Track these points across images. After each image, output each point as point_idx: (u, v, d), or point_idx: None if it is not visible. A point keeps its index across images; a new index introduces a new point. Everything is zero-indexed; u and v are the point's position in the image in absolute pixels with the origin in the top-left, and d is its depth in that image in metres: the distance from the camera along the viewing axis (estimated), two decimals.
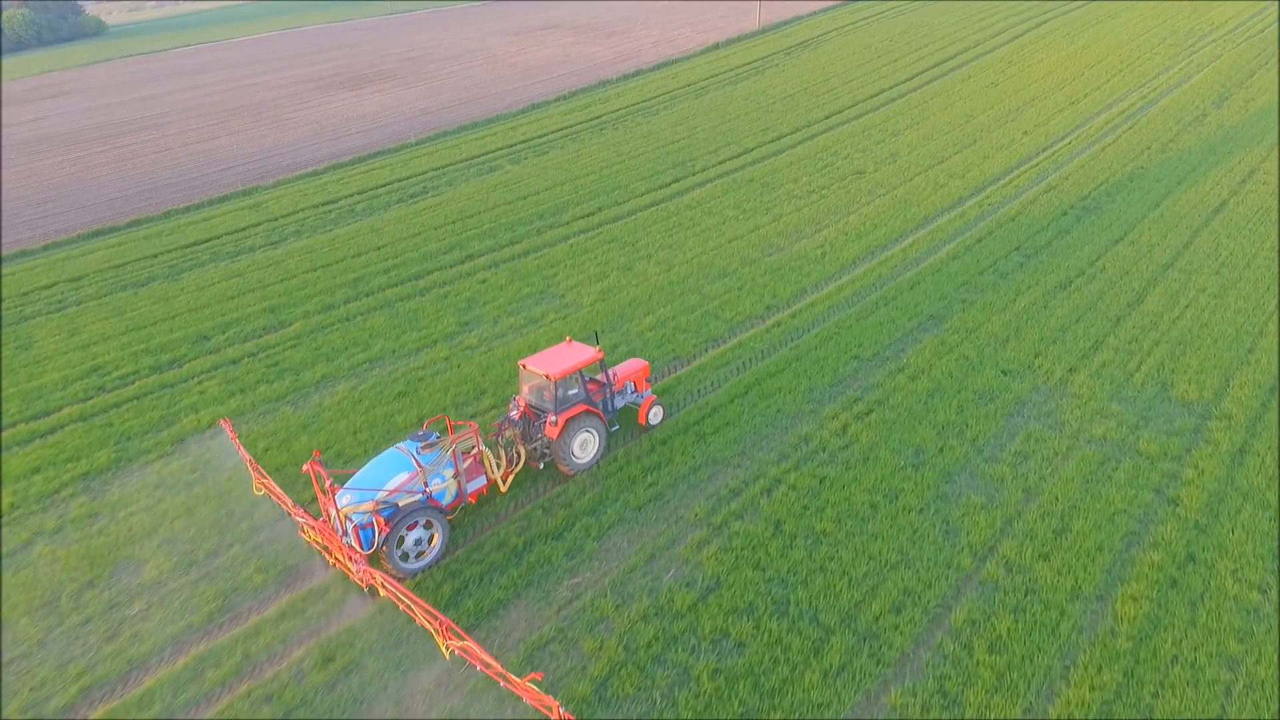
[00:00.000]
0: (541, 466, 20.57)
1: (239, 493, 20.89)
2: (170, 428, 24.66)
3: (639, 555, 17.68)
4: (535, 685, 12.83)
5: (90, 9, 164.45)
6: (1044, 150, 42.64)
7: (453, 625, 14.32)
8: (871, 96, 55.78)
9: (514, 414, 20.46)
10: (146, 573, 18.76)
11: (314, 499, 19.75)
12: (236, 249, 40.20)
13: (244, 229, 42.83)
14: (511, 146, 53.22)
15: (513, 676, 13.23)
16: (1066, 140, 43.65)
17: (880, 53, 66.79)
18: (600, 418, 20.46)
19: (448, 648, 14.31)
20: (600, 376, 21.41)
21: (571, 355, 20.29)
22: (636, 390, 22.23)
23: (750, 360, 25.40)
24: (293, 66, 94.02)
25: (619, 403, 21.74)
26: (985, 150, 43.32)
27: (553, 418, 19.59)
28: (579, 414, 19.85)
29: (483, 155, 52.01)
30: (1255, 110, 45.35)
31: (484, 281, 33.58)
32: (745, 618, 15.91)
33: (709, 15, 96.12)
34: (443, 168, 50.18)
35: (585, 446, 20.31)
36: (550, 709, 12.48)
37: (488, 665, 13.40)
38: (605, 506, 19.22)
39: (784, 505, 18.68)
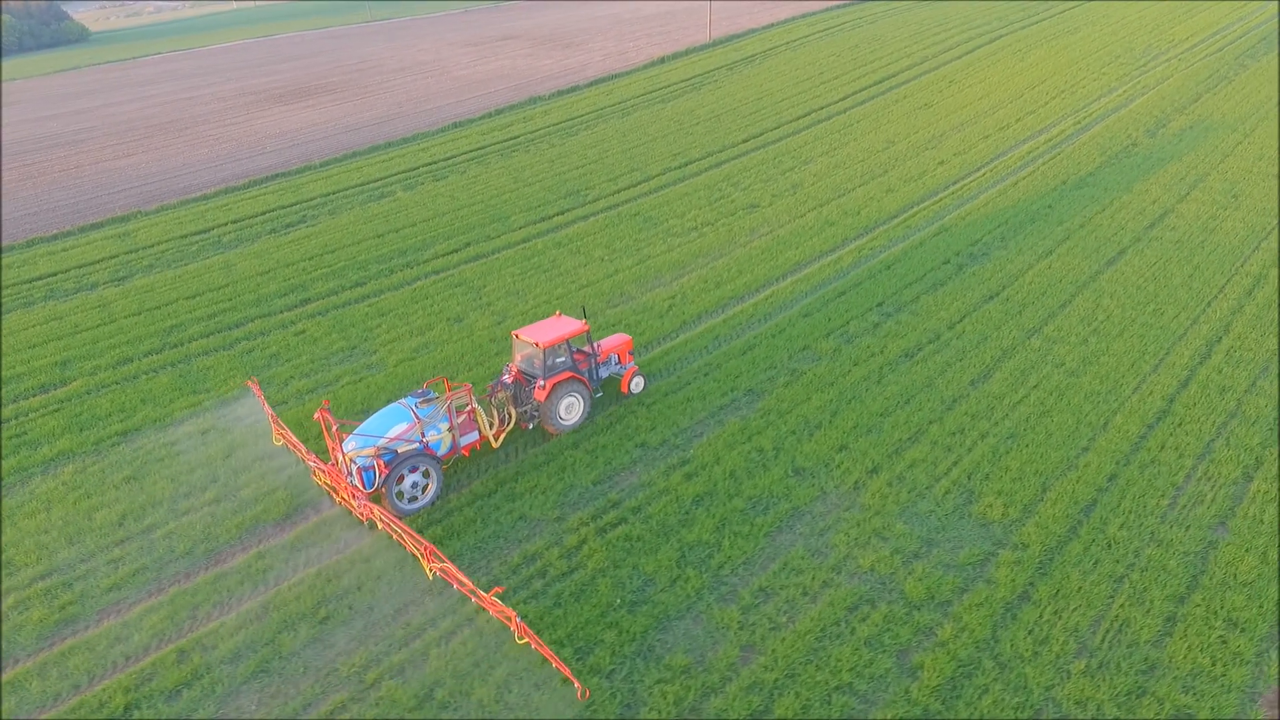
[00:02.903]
0: (530, 427, 22.37)
1: None
2: None
3: None
4: (498, 599, 15.11)
5: (85, 11, 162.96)
6: (954, 184, 38.99)
7: (435, 550, 16.30)
8: (799, 118, 52.26)
9: (506, 378, 22.23)
10: None
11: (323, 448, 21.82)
12: (76, 286, 37.38)
13: (97, 262, 40.01)
14: (413, 170, 50.20)
15: (481, 591, 15.34)
16: (981, 172, 39.98)
17: (823, 69, 63.18)
18: (585, 384, 22.33)
19: (431, 569, 16.51)
20: (587, 348, 23.20)
21: (560, 327, 22.34)
22: (620, 363, 24.09)
23: (521, 447, 22.12)
24: (245, 78, 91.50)
25: (603, 373, 23.69)
26: (892, 182, 39.74)
27: (541, 382, 21.50)
28: (565, 380, 21.73)
29: (380, 180, 48.98)
30: (1190, 136, 41.44)
31: (300, 333, 30.50)
32: None
33: (669, 26, 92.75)
34: (333, 194, 47.19)
35: (570, 410, 22.29)
36: (509, 618, 14.70)
37: (461, 583, 15.82)
38: (252, 650, 16.01)
39: (454, 660, 15.35)
